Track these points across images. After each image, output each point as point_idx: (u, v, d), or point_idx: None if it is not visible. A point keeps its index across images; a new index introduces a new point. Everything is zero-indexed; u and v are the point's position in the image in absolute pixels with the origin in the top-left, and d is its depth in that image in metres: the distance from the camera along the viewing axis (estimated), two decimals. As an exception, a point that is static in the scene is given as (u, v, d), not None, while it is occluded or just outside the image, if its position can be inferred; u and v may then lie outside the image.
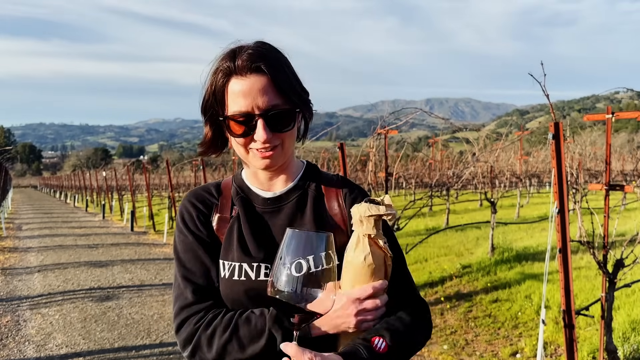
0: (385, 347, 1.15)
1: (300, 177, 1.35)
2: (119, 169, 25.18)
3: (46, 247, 11.40)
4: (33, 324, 5.66)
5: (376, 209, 1.16)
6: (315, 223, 1.29)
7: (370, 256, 1.16)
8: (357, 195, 1.33)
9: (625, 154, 20.66)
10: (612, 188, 3.70)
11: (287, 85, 1.21)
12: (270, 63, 1.20)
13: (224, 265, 1.26)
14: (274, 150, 1.23)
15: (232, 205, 1.34)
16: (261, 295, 1.16)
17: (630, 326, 4.91)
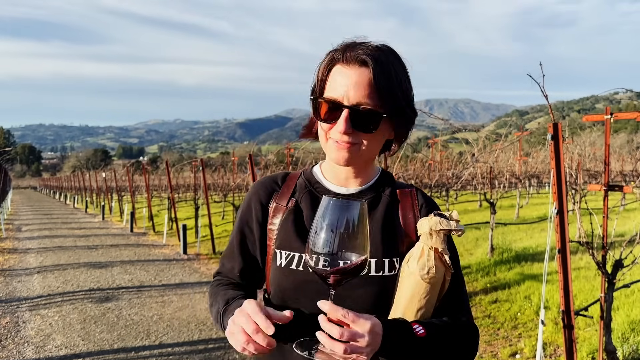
0: (423, 333, 1.13)
1: (376, 180, 1.34)
2: (119, 170, 25.18)
3: (46, 248, 11.40)
4: (32, 325, 5.65)
5: (447, 224, 1.16)
6: (384, 227, 1.27)
7: (434, 270, 1.16)
8: (433, 208, 1.31)
9: (624, 154, 20.66)
10: (611, 189, 3.70)
11: (386, 89, 1.17)
12: (377, 61, 1.18)
13: (280, 254, 1.29)
14: (352, 147, 1.21)
15: (292, 196, 1.35)
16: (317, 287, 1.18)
17: (629, 327, 4.91)
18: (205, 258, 9.76)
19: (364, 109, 1.17)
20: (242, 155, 15.75)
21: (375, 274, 1.22)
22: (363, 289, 1.21)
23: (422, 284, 1.16)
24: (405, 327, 1.13)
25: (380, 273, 1.22)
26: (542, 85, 3.02)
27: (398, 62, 1.22)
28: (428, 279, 1.15)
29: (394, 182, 1.37)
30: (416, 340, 1.12)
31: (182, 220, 13.53)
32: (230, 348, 4.87)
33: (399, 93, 1.19)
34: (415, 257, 1.18)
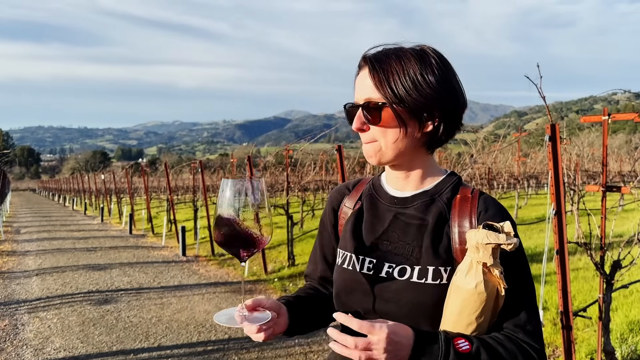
0: (467, 349, 1.09)
1: (436, 185, 1.31)
2: (118, 172, 25.16)
3: (44, 251, 11.39)
4: (31, 327, 5.65)
5: (495, 237, 1.10)
6: (433, 234, 1.24)
7: (482, 284, 1.10)
8: (494, 216, 1.23)
9: (622, 155, 20.68)
10: (609, 189, 3.70)
11: (381, 80, 1.20)
12: (378, 57, 1.22)
13: (339, 252, 1.37)
14: (372, 145, 1.25)
15: (358, 199, 1.40)
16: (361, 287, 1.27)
17: (628, 327, 4.91)
18: (204, 260, 9.76)
19: (365, 102, 1.22)
20: (241, 157, 15.73)
21: (418, 281, 1.20)
22: (405, 295, 1.20)
23: (471, 298, 1.11)
24: (446, 340, 1.10)
25: (422, 280, 1.20)
26: (539, 87, 3.03)
27: (408, 56, 1.21)
28: (477, 294, 1.10)
29: (457, 186, 1.32)
30: (458, 355, 1.08)
31: (181, 222, 13.52)
32: (230, 350, 4.86)
33: (399, 83, 1.19)
34: (463, 270, 1.13)
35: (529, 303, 1.21)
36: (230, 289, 7.35)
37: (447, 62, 1.25)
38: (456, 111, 1.24)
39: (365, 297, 1.25)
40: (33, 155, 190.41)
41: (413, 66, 1.20)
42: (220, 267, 8.93)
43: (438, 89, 1.20)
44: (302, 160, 12.72)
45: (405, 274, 1.22)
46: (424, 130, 1.23)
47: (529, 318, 1.19)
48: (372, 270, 1.26)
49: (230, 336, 5.24)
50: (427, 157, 1.31)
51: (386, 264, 1.25)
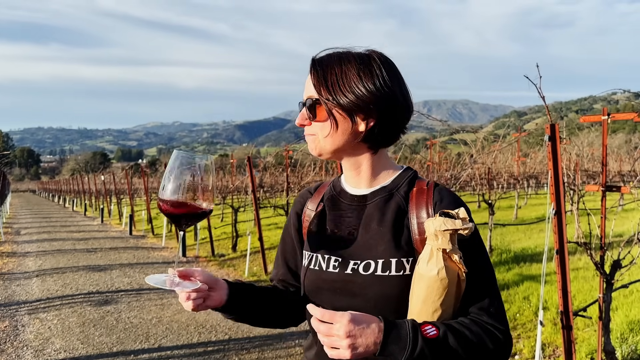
0: (434, 335, 1.12)
1: (393, 180, 1.36)
2: (118, 173, 25.15)
3: (44, 252, 11.39)
4: (31, 328, 5.65)
5: (452, 223, 1.15)
6: (394, 227, 1.28)
7: (443, 270, 1.14)
8: (449, 205, 1.27)
9: (622, 154, 20.68)
10: (608, 189, 3.71)
11: (320, 81, 1.27)
12: (322, 59, 1.30)
13: (305, 254, 1.40)
14: (311, 138, 1.33)
15: (320, 201, 1.44)
16: (329, 286, 1.31)
17: (628, 327, 4.92)
18: (205, 260, 9.76)
19: (307, 101, 1.29)
20: (241, 158, 15.74)
21: (382, 274, 1.24)
22: (371, 289, 1.24)
23: (434, 285, 1.14)
24: (413, 327, 1.12)
25: (387, 273, 1.24)
26: (539, 87, 3.03)
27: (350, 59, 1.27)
28: (439, 281, 1.14)
29: (413, 180, 1.36)
30: (426, 340, 1.11)
31: (181, 222, 13.48)
32: (230, 350, 4.87)
33: (335, 83, 1.25)
34: (425, 259, 1.17)
35: (490, 286, 1.25)
36: (231, 289, 7.35)
37: (392, 66, 1.30)
38: (393, 114, 1.28)
39: (333, 295, 1.30)
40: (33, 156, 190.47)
41: (352, 67, 1.26)
42: (221, 268, 8.93)
43: (374, 90, 1.25)
44: (302, 161, 12.72)
45: (370, 268, 1.26)
46: (358, 128, 1.28)
47: (491, 300, 1.23)
48: (338, 268, 1.29)
49: (231, 337, 5.25)
50: (373, 156, 1.35)
51: (351, 261, 1.29)
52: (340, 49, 1.31)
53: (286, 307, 1.44)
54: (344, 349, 1.08)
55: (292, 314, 1.45)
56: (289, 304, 1.44)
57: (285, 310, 1.43)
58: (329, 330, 1.10)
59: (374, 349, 1.09)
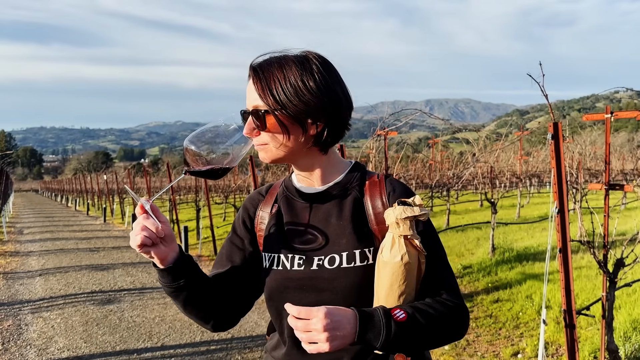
0: (403, 317, 1.17)
1: (344, 175, 1.40)
2: (120, 172, 25.21)
3: (47, 251, 11.41)
4: (34, 327, 5.66)
5: (411, 211, 1.20)
6: (353, 220, 1.33)
7: (407, 255, 1.20)
8: (401, 194, 1.35)
9: (625, 153, 20.63)
10: (611, 187, 3.70)
11: (262, 89, 1.27)
12: (261, 66, 1.29)
13: (265, 256, 1.40)
14: (263, 147, 1.32)
15: (274, 202, 1.45)
16: (295, 284, 1.32)
17: (631, 325, 4.91)
18: (207, 259, 9.77)
19: (253, 110, 1.28)
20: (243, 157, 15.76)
21: (347, 266, 1.29)
22: (338, 281, 1.28)
23: (398, 270, 1.20)
24: (385, 313, 1.17)
25: (352, 264, 1.28)
26: (542, 85, 3.03)
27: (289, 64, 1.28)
28: (402, 266, 1.20)
29: (364, 174, 1.41)
30: (397, 324, 1.16)
31: (183, 222, 13.54)
32: (233, 349, 4.87)
33: (280, 90, 1.25)
34: (387, 246, 1.22)
35: (444, 265, 1.33)
36: (233, 288, 7.36)
37: (330, 66, 1.32)
38: (339, 114, 1.31)
39: (300, 292, 1.31)
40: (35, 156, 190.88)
41: (294, 73, 1.26)
42: (223, 267, 8.94)
43: (318, 94, 1.26)
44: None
45: (335, 262, 1.29)
46: (308, 133, 1.30)
47: (447, 278, 1.32)
48: (303, 266, 1.31)
49: (234, 335, 5.25)
50: (323, 156, 1.37)
51: (315, 257, 1.31)
52: (276, 53, 1.31)
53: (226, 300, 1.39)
54: (322, 342, 1.10)
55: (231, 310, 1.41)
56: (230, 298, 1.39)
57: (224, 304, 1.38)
58: (307, 326, 1.11)
59: (351, 339, 1.13)
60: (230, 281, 1.41)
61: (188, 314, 1.36)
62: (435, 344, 1.25)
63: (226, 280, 1.41)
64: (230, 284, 1.41)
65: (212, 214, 10.54)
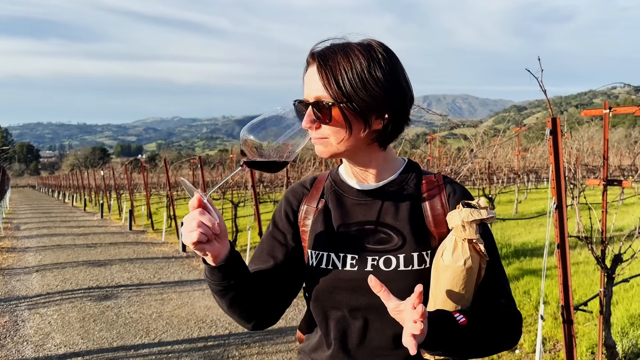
0: (464, 322, 1.13)
1: (400, 173, 1.33)
2: (117, 168, 25.14)
3: (44, 247, 11.38)
4: (31, 324, 5.65)
5: (478, 214, 1.16)
6: (411, 221, 1.27)
7: (469, 260, 1.16)
8: (461, 196, 1.30)
9: (622, 149, 20.68)
10: (609, 183, 3.69)
11: (334, 78, 1.18)
12: (325, 54, 1.20)
13: (312, 254, 1.32)
14: (322, 141, 1.23)
15: (321, 197, 1.37)
16: (347, 285, 1.25)
17: (628, 321, 4.92)
18: (204, 255, 9.76)
19: (315, 101, 1.20)
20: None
21: (405, 269, 1.23)
22: (394, 284, 1.20)
23: (459, 275, 1.16)
24: (448, 317, 1.13)
25: (409, 267, 1.23)
26: (540, 80, 3.01)
27: (355, 52, 1.20)
28: (464, 270, 1.16)
29: (420, 173, 1.35)
30: (459, 328, 1.12)
31: (181, 217, 13.50)
32: (230, 345, 4.86)
33: (347, 81, 1.17)
34: (449, 249, 1.18)
35: (501, 270, 1.29)
36: (231, 284, 7.35)
37: (394, 56, 1.24)
38: (404, 108, 1.25)
39: (350, 294, 1.25)
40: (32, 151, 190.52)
41: (361, 63, 1.19)
42: (221, 263, 8.92)
43: (386, 86, 1.19)
44: (301, 156, 12.70)
45: (391, 264, 1.23)
46: (371, 128, 1.23)
47: (504, 283, 1.28)
48: (357, 266, 1.25)
49: (231, 331, 5.24)
50: (381, 153, 1.31)
51: (369, 258, 1.25)
52: (337, 40, 1.23)
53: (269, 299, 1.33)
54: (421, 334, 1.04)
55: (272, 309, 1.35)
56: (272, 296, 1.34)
57: (267, 302, 1.33)
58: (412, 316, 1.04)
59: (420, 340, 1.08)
60: (273, 278, 1.35)
61: (231, 314, 1.29)
62: (490, 350, 1.22)
63: (268, 277, 1.34)
64: (272, 281, 1.34)
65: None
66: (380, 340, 1.25)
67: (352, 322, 1.26)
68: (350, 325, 1.27)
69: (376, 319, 1.24)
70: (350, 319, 1.26)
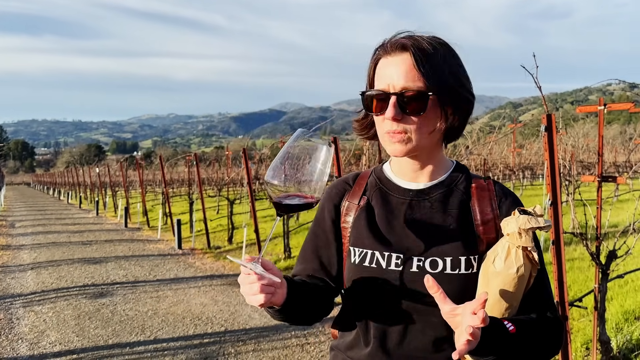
0: (513, 330, 1.11)
1: (449, 174, 1.30)
2: (113, 165, 25.07)
3: (39, 245, 11.35)
4: (26, 321, 5.63)
5: (536, 222, 1.14)
6: (460, 224, 1.24)
7: (522, 268, 1.14)
8: (512, 203, 1.27)
9: (617, 145, 20.76)
10: (604, 179, 3.70)
11: (429, 69, 1.15)
12: (418, 44, 1.17)
13: (354, 251, 1.28)
14: (404, 136, 1.18)
15: (363, 194, 1.34)
16: (389, 284, 1.22)
17: (623, 317, 4.94)
18: (200, 253, 9.75)
19: (410, 92, 1.15)
20: (237, 150, 15.69)
21: (452, 272, 1.20)
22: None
23: (510, 283, 1.14)
24: (499, 325, 1.11)
25: (456, 271, 1.20)
26: (535, 77, 3.01)
27: (443, 46, 1.20)
28: (516, 278, 1.14)
29: (469, 176, 1.32)
30: (508, 337, 1.10)
31: (176, 215, 13.49)
32: (226, 342, 4.86)
33: (445, 72, 1.16)
34: (501, 256, 1.15)
35: (547, 278, 1.26)
36: (226, 281, 7.34)
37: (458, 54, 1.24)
38: (472, 105, 1.25)
39: (394, 294, 1.22)
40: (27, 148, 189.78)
41: (453, 55, 1.19)
42: (216, 260, 8.92)
43: (465, 82, 1.21)
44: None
45: (437, 266, 1.20)
46: (446, 124, 1.21)
47: (549, 292, 1.26)
48: (402, 266, 1.22)
49: (227, 328, 5.24)
50: (440, 152, 1.29)
51: (415, 258, 1.22)
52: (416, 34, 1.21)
53: (323, 304, 1.35)
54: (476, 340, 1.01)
55: (325, 310, 1.37)
56: (325, 300, 1.35)
57: (321, 307, 1.35)
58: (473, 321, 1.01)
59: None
60: (321, 277, 1.35)
61: (290, 323, 1.30)
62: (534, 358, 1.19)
63: (317, 277, 1.35)
64: (321, 280, 1.35)
65: (205, 207, 10.51)
66: (421, 342, 1.23)
67: (393, 322, 1.24)
68: (390, 325, 1.25)
69: (418, 320, 1.22)
70: (391, 318, 1.24)
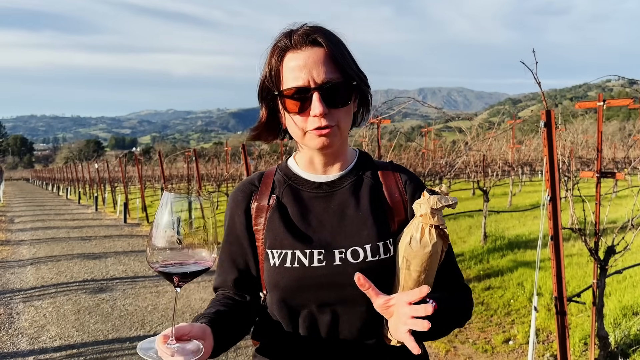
0: (435, 306, 1.12)
1: (355, 163, 1.32)
2: (112, 161, 25.04)
3: (39, 240, 11.35)
4: (26, 316, 5.64)
5: (446, 200, 1.18)
6: (373, 210, 1.26)
7: (436, 245, 1.18)
8: (417, 183, 1.31)
9: (616, 141, 20.76)
10: (603, 175, 3.71)
11: (344, 59, 1.17)
12: (327, 36, 1.18)
13: (272, 253, 1.24)
14: (330, 129, 1.18)
15: (271, 193, 1.31)
16: (315, 281, 1.20)
17: (621, 312, 4.96)
18: (200, 248, 9.75)
19: (334, 83, 1.16)
20: (236, 146, 15.68)
21: (372, 259, 1.20)
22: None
23: (428, 260, 1.18)
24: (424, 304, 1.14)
25: (377, 257, 1.21)
26: (535, 73, 3.02)
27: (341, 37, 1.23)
28: (431, 255, 1.18)
29: (373, 162, 1.35)
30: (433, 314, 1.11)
31: (175, 210, 13.47)
32: (225, 337, 4.87)
33: (351, 62, 1.20)
34: (416, 237, 1.18)
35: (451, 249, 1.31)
36: (226, 277, 7.35)
37: None
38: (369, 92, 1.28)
39: (320, 290, 1.20)
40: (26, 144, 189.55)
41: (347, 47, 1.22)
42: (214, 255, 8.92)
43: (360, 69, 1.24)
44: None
45: (358, 255, 1.20)
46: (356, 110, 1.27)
47: (455, 261, 1.33)
48: (325, 261, 1.20)
49: (226, 324, 5.25)
50: (347, 140, 1.30)
51: (336, 251, 1.21)
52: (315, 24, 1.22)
53: (247, 321, 1.32)
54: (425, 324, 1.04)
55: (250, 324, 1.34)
56: (248, 317, 1.32)
57: (247, 324, 1.32)
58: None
59: None
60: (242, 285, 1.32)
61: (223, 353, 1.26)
62: (452, 328, 1.24)
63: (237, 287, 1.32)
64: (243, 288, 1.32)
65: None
66: (349, 332, 1.23)
67: (320, 316, 1.23)
68: (318, 320, 1.23)
69: (345, 312, 1.22)
70: (318, 314, 1.23)
